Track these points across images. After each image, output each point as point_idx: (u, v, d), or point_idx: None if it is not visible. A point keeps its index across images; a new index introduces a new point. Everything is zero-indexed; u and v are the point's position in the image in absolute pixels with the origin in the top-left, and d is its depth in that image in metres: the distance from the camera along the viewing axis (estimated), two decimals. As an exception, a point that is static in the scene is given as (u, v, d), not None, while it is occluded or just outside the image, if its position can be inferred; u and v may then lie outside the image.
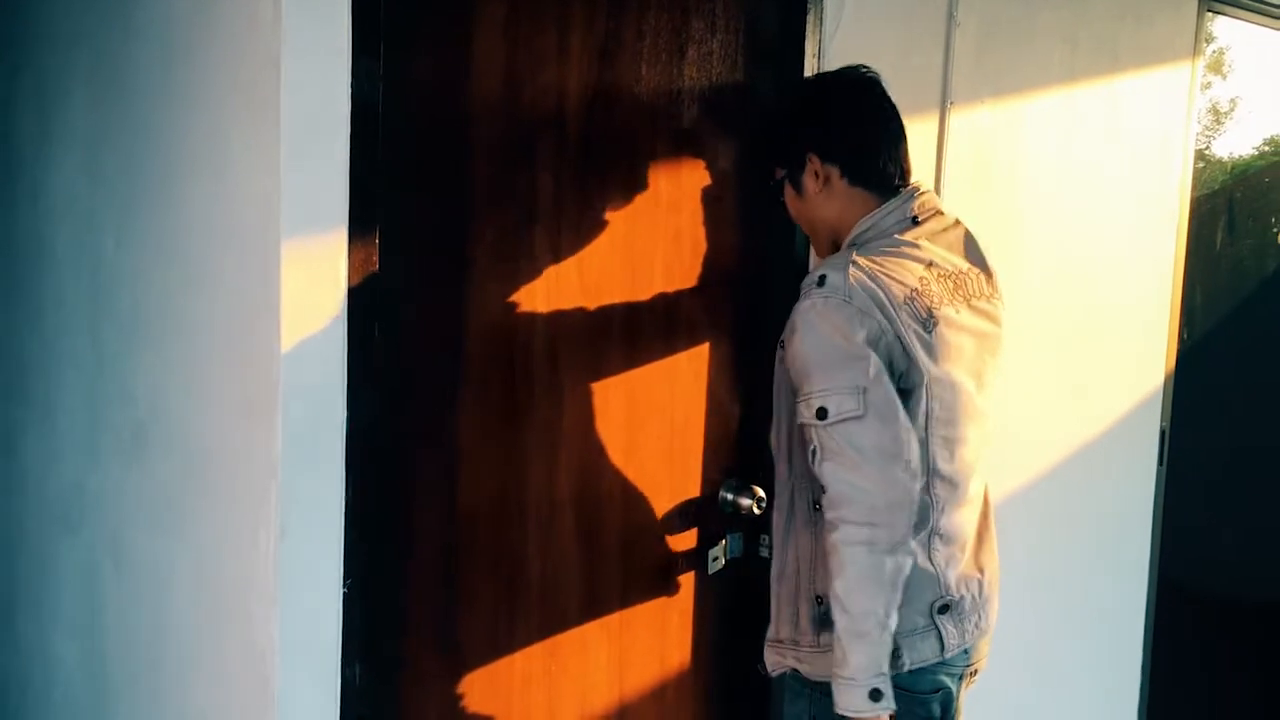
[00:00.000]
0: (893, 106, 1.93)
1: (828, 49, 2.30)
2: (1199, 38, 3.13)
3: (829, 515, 1.71)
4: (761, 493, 2.28)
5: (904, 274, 1.77)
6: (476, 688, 2.13)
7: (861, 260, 1.76)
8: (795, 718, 1.92)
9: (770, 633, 1.97)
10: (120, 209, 2.19)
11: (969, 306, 1.84)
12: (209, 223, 1.94)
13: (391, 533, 1.96)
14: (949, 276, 1.83)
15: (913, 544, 1.75)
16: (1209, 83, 3.36)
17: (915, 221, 1.86)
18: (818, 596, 1.84)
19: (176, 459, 2.06)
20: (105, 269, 2.25)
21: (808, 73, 2.28)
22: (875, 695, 1.70)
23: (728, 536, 2.33)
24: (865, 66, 1.96)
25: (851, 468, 1.69)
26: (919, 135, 2.48)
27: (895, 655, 1.77)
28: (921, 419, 1.77)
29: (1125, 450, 3.13)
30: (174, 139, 2.02)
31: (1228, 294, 3.52)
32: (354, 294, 1.81)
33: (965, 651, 1.86)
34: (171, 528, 2.08)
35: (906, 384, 1.75)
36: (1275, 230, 3.67)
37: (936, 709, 1.84)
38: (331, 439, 1.81)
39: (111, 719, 2.30)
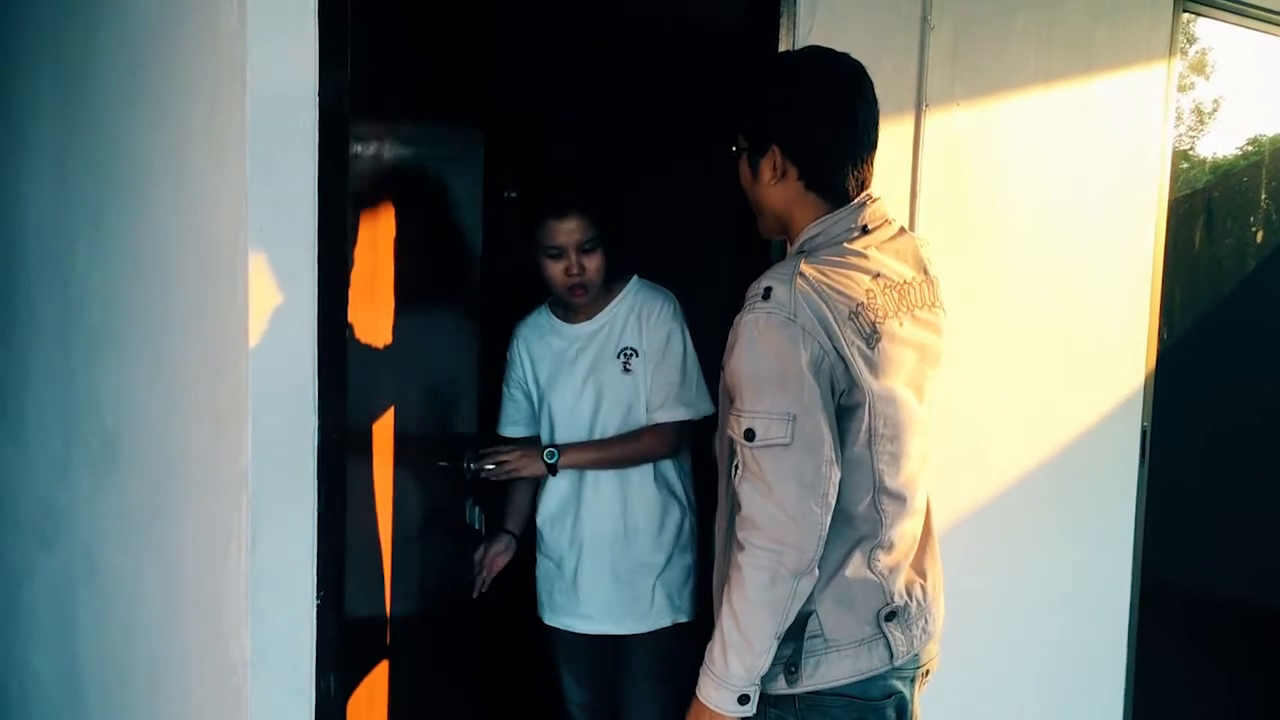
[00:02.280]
0: (875, 112, 1.85)
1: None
2: (1175, 38, 3.13)
3: (739, 534, 1.70)
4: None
5: (851, 286, 1.73)
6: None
7: (809, 271, 1.71)
8: None
9: None
10: (89, 220, 2.17)
11: (912, 318, 1.81)
12: (177, 232, 1.92)
13: (363, 542, 1.94)
14: (894, 287, 1.79)
15: (859, 559, 1.75)
16: (1192, 83, 3.36)
17: (865, 230, 1.81)
18: None
19: (147, 471, 2.04)
20: (75, 280, 2.23)
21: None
22: (743, 700, 1.73)
23: (467, 503, 2.44)
24: (854, 59, 1.85)
25: (767, 493, 1.66)
26: (894, 138, 2.48)
27: (794, 672, 1.76)
28: (865, 436, 1.73)
29: (1107, 450, 3.12)
30: (142, 149, 2.01)
31: (1207, 293, 3.52)
32: (324, 301, 1.79)
33: (915, 656, 1.84)
34: (143, 541, 2.07)
35: (849, 402, 1.71)
36: (1254, 229, 3.68)
37: (891, 713, 1.82)
38: (302, 448, 1.80)
39: (87, 735, 2.28)
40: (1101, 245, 3.04)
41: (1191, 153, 3.43)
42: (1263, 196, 3.70)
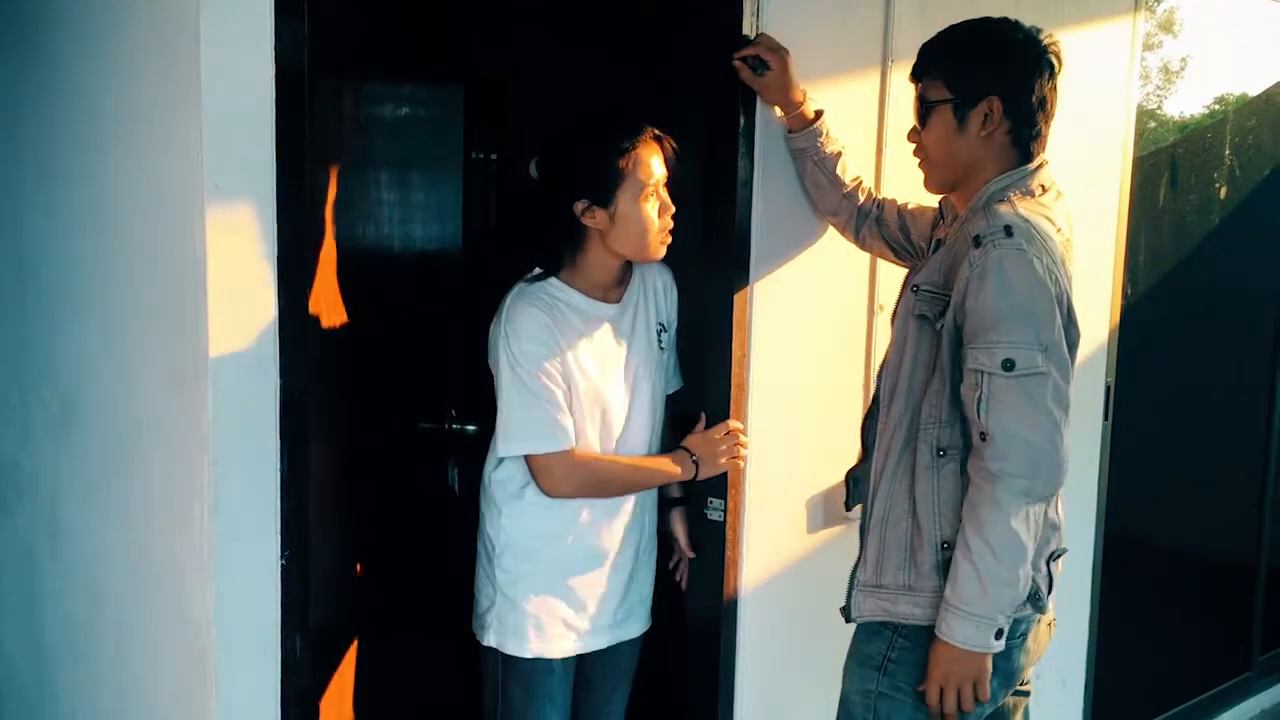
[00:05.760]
0: None
1: (766, 7, 2.27)
2: (1140, -6, 3.13)
3: (991, 465, 1.76)
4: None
5: (1053, 234, 1.85)
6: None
7: (1030, 216, 1.83)
8: (869, 657, 1.95)
9: (866, 577, 1.97)
10: (44, 178, 2.13)
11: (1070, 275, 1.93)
12: (133, 190, 1.89)
13: (328, 502, 1.94)
14: (1066, 243, 1.91)
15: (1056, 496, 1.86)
16: (1160, 42, 3.37)
17: (1043, 189, 1.94)
18: (944, 543, 1.87)
19: (107, 434, 2.02)
20: (31, 240, 2.19)
21: (747, 31, 2.25)
22: (999, 634, 1.80)
23: (451, 466, 2.42)
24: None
25: (1025, 421, 1.74)
26: (860, 93, 2.47)
27: (1037, 595, 1.87)
28: (1073, 373, 1.84)
29: (1071, 406, 3.14)
30: (96, 104, 1.97)
31: (1170, 250, 3.54)
32: (284, 259, 1.77)
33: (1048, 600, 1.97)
34: (105, 504, 2.04)
35: (1068, 339, 1.82)
36: (1218, 185, 3.70)
37: (1020, 660, 1.94)
38: (264, 409, 1.78)
39: (53, 698, 2.27)
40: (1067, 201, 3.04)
41: (1159, 111, 3.44)
42: (1226, 153, 3.72)
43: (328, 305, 1.99)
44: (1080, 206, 3.06)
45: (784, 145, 2.32)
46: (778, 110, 2.29)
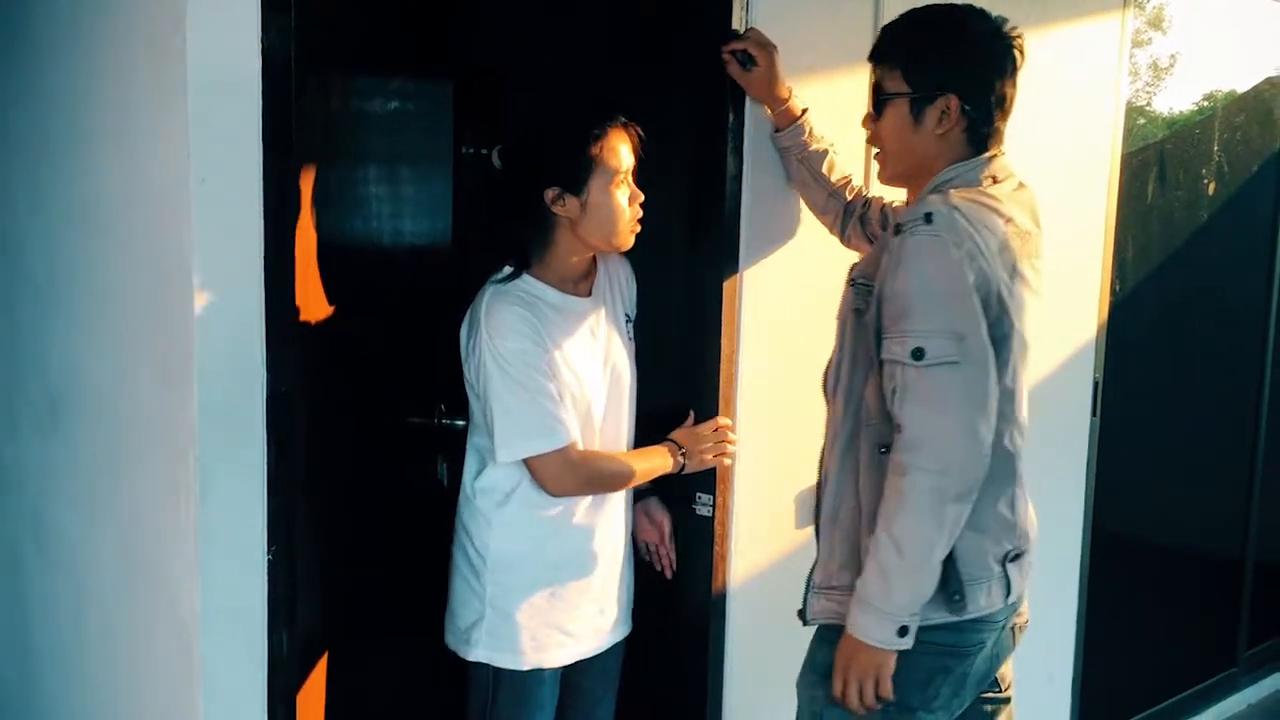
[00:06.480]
0: None
1: (756, 2, 2.27)
2: (1129, -10, 3.14)
3: (902, 457, 1.70)
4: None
5: (994, 224, 1.79)
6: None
7: (960, 203, 1.77)
8: (817, 665, 1.92)
9: (819, 579, 1.93)
10: (32, 174, 2.12)
11: (1031, 267, 1.87)
12: (120, 186, 1.88)
13: (316, 498, 1.93)
14: (1020, 235, 1.85)
15: (996, 494, 1.80)
16: (1149, 38, 3.37)
17: (994, 180, 1.88)
18: None
19: (94, 429, 2.01)
20: (18, 236, 2.18)
21: (736, 26, 2.25)
22: (903, 631, 1.74)
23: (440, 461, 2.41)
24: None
25: (937, 413, 1.68)
26: (849, 87, 2.46)
27: (959, 600, 1.79)
28: (1010, 369, 1.79)
29: (1059, 402, 3.15)
30: (84, 99, 1.96)
31: (1159, 245, 3.55)
32: (271, 254, 1.76)
33: (1013, 603, 1.89)
34: (92, 500, 2.04)
35: (997, 332, 1.76)
36: (1206, 181, 3.71)
37: (981, 666, 1.88)
38: (251, 404, 1.77)
39: (38, 695, 2.26)
40: (1055, 198, 3.04)
41: (1148, 108, 3.45)
42: (1215, 149, 3.73)
43: (315, 300, 1.98)
44: (1069, 202, 3.08)
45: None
46: (766, 108, 2.29)
